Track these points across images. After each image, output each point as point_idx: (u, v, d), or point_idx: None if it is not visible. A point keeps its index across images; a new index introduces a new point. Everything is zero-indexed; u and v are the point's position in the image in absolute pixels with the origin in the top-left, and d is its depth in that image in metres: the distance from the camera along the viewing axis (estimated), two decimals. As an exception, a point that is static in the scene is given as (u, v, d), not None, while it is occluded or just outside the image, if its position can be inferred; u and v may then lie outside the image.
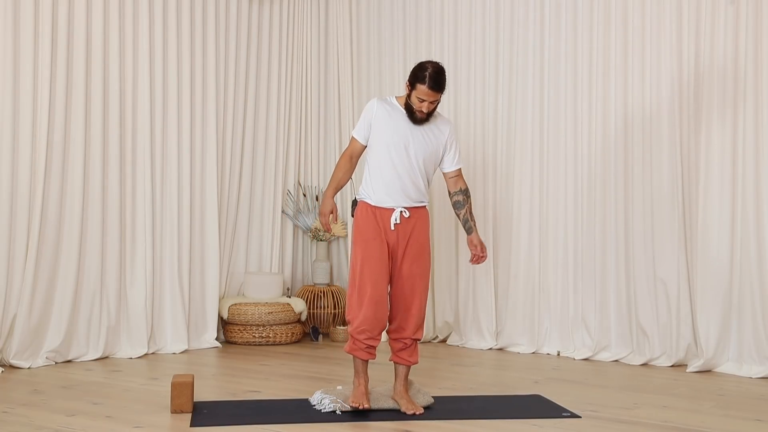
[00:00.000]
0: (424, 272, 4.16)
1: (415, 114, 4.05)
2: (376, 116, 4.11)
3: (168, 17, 5.73)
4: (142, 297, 5.58)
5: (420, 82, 3.99)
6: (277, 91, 6.49)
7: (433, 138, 4.11)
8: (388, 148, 4.07)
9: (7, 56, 4.98)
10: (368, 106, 4.16)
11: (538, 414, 4.07)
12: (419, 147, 4.08)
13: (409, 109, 4.06)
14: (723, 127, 5.14)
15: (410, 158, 4.07)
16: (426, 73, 3.98)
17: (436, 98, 4.01)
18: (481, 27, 6.04)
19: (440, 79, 3.99)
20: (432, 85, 3.97)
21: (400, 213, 4.07)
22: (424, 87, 3.97)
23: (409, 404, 4.06)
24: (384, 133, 4.08)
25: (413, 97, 4.02)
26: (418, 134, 4.08)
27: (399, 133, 4.07)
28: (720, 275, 5.13)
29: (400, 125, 4.08)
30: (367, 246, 4.07)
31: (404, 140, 4.06)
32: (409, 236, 4.10)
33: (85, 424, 3.79)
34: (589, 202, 5.63)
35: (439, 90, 4.00)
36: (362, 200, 4.15)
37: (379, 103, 4.15)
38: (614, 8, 5.50)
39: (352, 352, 4.10)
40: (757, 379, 4.96)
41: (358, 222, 4.13)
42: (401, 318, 4.12)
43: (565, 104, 5.74)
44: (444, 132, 4.15)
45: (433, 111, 4.07)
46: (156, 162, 5.69)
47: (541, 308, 5.83)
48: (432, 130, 4.12)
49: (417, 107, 4.03)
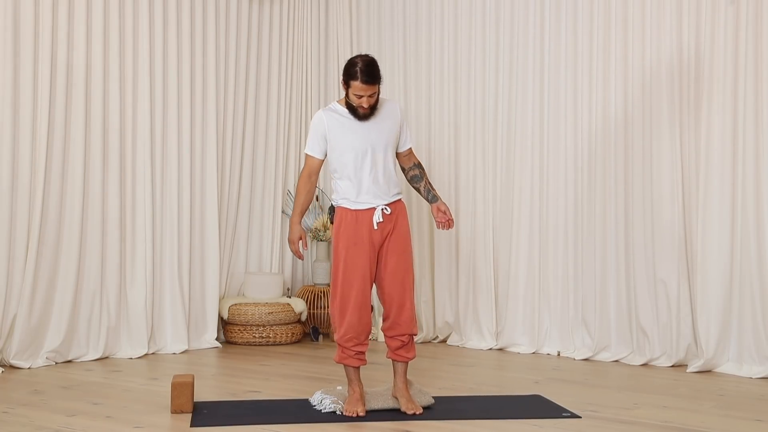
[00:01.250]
0: (410, 266, 4.12)
1: (357, 111, 4.00)
2: (329, 128, 4.03)
3: (168, 17, 5.73)
4: (142, 297, 5.58)
5: (352, 78, 3.93)
6: (277, 91, 6.49)
7: (390, 123, 4.07)
8: (355, 153, 4.00)
9: (7, 56, 4.98)
10: (316, 120, 4.06)
11: (538, 414, 4.06)
12: (381, 139, 4.03)
13: (351, 108, 4.01)
14: (723, 127, 5.13)
15: (377, 154, 4.02)
16: (356, 69, 3.92)
17: (374, 91, 3.96)
18: (481, 27, 6.04)
19: (372, 71, 3.94)
20: (365, 79, 3.92)
21: (382, 211, 4.03)
22: (357, 83, 3.92)
23: (409, 403, 4.05)
24: (344, 141, 4.01)
25: (351, 95, 3.97)
26: (375, 127, 4.03)
27: (359, 135, 4.01)
28: (720, 275, 5.13)
29: (356, 128, 4.02)
30: (349, 252, 4.02)
31: (367, 140, 4.01)
32: (391, 232, 4.06)
33: (85, 424, 3.79)
34: (589, 203, 5.62)
35: (374, 82, 3.94)
36: (339, 206, 4.09)
37: (326, 113, 4.06)
38: (614, 6, 5.50)
39: (342, 361, 4.07)
40: (757, 379, 4.96)
41: (338, 228, 4.07)
42: (395, 315, 4.07)
43: (565, 105, 5.74)
44: (396, 113, 4.11)
45: (375, 104, 4.01)
46: (156, 162, 5.69)
47: (541, 308, 5.83)
48: (386, 117, 4.07)
49: (357, 104, 3.97)
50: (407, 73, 6.36)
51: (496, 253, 6.00)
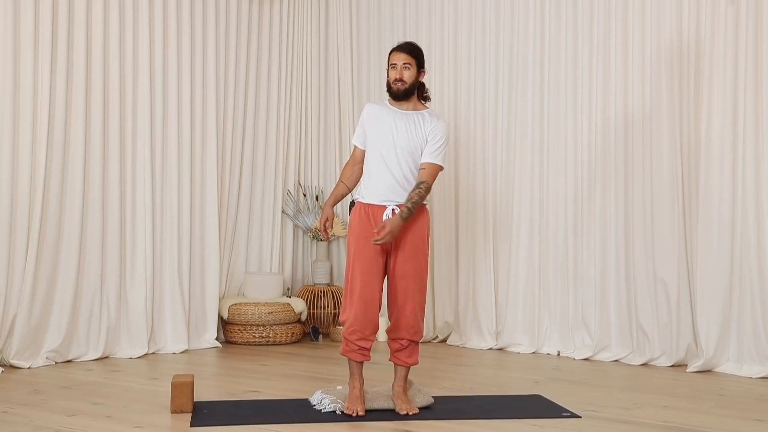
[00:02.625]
0: (419, 273, 4.09)
1: (391, 87, 4.09)
2: (367, 117, 4.16)
3: (168, 17, 5.73)
4: (142, 297, 5.58)
5: (391, 52, 4.11)
6: (277, 91, 6.49)
7: (419, 128, 4.08)
8: (377, 144, 4.08)
9: (7, 56, 4.98)
10: (363, 110, 4.21)
11: (538, 414, 4.06)
12: (404, 137, 4.05)
13: (389, 88, 4.11)
14: (723, 127, 5.13)
15: (396, 150, 4.04)
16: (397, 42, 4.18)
17: (408, 60, 4.05)
18: (481, 26, 6.05)
19: (411, 45, 4.11)
20: (400, 47, 4.09)
21: (392, 210, 4.04)
22: (394, 52, 4.09)
23: (404, 404, 4.05)
24: (373, 131, 4.10)
25: (389, 72, 4.09)
26: (403, 127, 4.06)
27: (386, 127, 4.07)
28: (720, 275, 5.13)
29: (387, 120, 4.08)
30: (359, 245, 4.06)
31: (390, 133, 4.06)
32: (403, 235, 4.06)
33: (85, 424, 3.79)
34: (589, 203, 5.63)
35: (408, 52, 4.07)
36: (357, 200, 4.16)
37: (370, 105, 4.20)
38: (614, 5, 5.50)
39: (345, 354, 4.09)
40: (757, 379, 4.96)
41: (352, 222, 4.13)
42: (396, 318, 4.11)
43: (565, 104, 5.74)
44: (427, 123, 4.10)
45: (411, 86, 4.06)
46: (156, 162, 5.69)
47: (541, 308, 5.83)
48: (416, 122, 4.09)
49: (392, 77, 4.07)
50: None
51: (496, 253, 6.00)
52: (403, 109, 4.11)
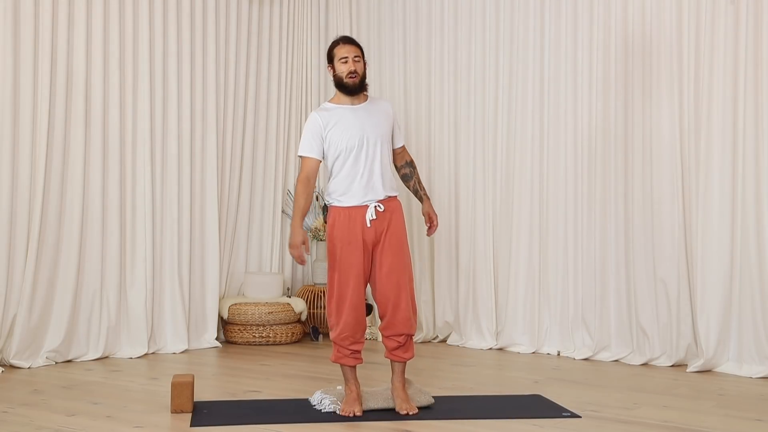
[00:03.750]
0: (407, 265, 4.08)
1: (345, 83, 4.03)
2: (324, 124, 4.02)
3: (168, 17, 5.73)
4: (142, 297, 5.58)
5: (334, 47, 4.08)
6: (277, 91, 6.49)
7: (382, 118, 4.08)
8: (348, 147, 4.00)
9: (7, 56, 4.99)
10: (310, 120, 4.05)
11: (538, 414, 4.06)
12: (374, 131, 4.03)
13: (341, 86, 4.05)
14: (723, 127, 5.13)
15: (370, 147, 4.01)
16: (336, 39, 4.13)
17: (357, 53, 4.04)
18: (481, 26, 6.04)
19: (350, 38, 4.13)
20: (344, 41, 4.07)
21: (375, 208, 4.01)
22: (339, 47, 4.06)
23: (404, 403, 4.04)
24: (339, 135, 4.01)
25: (337, 66, 4.04)
26: (368, 120, 4.04)
27: (349, 128, 4.01)
28: (720, 275, 5.13)
29: (349, 121, 4.02)
30: (343, 251, 4.01)
31: (361, 132, 4.01)
32: (386, 230, 4.03)
33: (85, 424, 3.79)
34: (589, 202, 5.62)
35: (355, 44, 4.07)
36: (332, 205, 4.08)
37: (319, 114, 4.06)
38: (614, 6, 5.50)
39: (338, 360, 4.07)
40: (757, 379, 4.96)
41: (331, 227, 4.05)
42: (391, 315, 4.04)
43: (565, 105, 5.73)
44: (389, 110, 4.15)
45: (364, 75, 4.06)
46: (156, 162, 5.69)
47: (541, 308, 5.83)
48: (378, 112, 4.09)
49: (345, 71, 4.02)
50: (407, 73, 6.36)
51: (496, 253, 6.00)
52: (357, 104, 4.08)
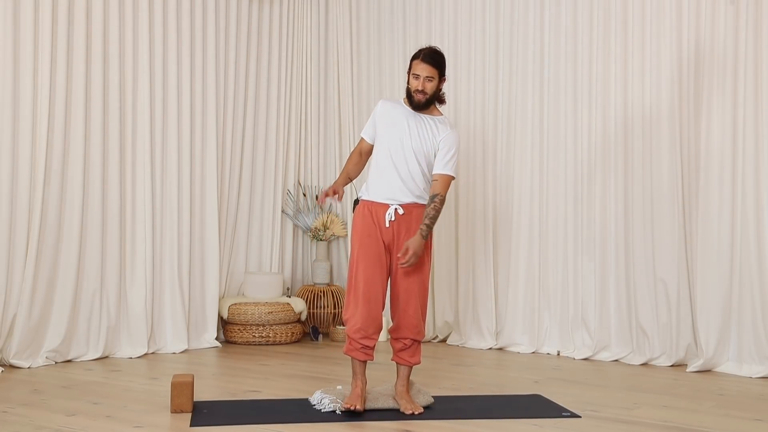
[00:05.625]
0: (421, 272, 4.09)
1: (413, 97, 4.04)
2: (379, 113, 4.14)
3: (168, 17, 5.73)
4: (142, 297, 5.58)
5: (415, 58, 4.05)
6: (277, 90, 6.49)
7: (429, 135, 4.07)
8: (386, 142, 4.08)
9: (7, 56, 4.98)
10: (378, 106, 4.19)
11: (538, 414, 4.07)
12: (415, 141, 4.05)
13: (409, 95, 4.08)
14: (723, 127, 5.14)
15: (405, 151, 4.04)
16: (421, 50, 4.06)
17: (431, 74, 4.01)
18: (481, 26, 6.05)
19: (435, 55, 4.04)
20: (424, 58, 4.01)
21: (395, 210, 4.04)
22: (417, 61, 4.02)
23: (409, 404, 4.05)
24: (384, 129, 4.10)
25: (410, 79, 4.05)
26: (415, 129, 4.06)
27: (396, 126, 4.07)
28: (720, 275, 5.13)
29: (399, 120, 4.08)
30: (362, 244, 4.06)
31: (400, 133, 4.05)
32: (404, 234, 4.06)
33: (85, 424, 3.79)
34: (589, 202, 5.63)
35: (433, 64, 4.01)
36: (361, 198, 4.16)
37: (384, 102, 4.19)
38: (614, 6, 5.50)
39: (349, 353, 4.09)
40: (757, 378, 4.96)
41: (356, 220, 4.12)
42: (399, 318, 4.10)
43: (565, 105, 5.74)
44: (441, 132, 4.08)
45: (434, 95, 4.05)
46: (156, 162, 5.69)
47: (541, 308, 5.84)
48: (430, 127, 4.08)
49: (414, 87, 4.03)
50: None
51: (496, 253, 6.00)
52: (420, 114, 4.10)
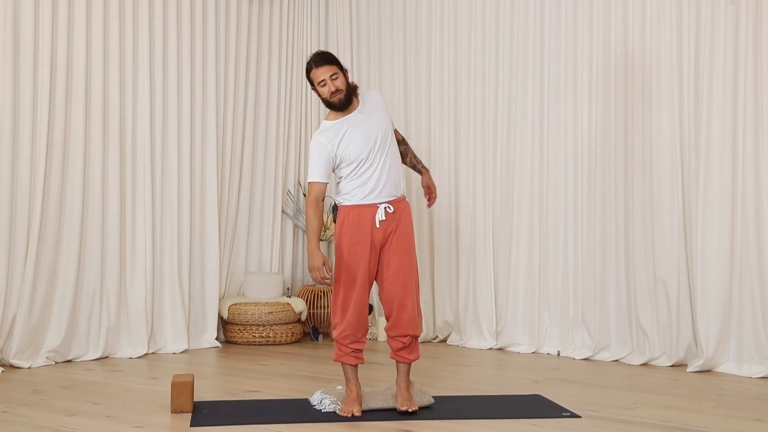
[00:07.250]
0: (413, 266, 4.10)
1: (331, 101, 3.98)
2: (332, 147, 3.98)
3: (168, 17, 5.73)
4: (142, 297, 5.58)
5: (309, 71, 4.01)
6: (277, 91, 6.49)
7: (379, 115, 4.06)
8: (359, 159, 3.98)
9: (7, 56, 4.99)
10: (316, 145, 3.99)
11: (538, 414, 4.06)
12: (380, 129, 4.02)
13: (328, 104, 4.01)
14: (723, 127, 5.13)
15: (380, 147, 4.01)
16: (309, 61, 4.02)
17: (332, 71, 3.96)
18: (481, 26, 6.04)
19: (324, 54, 4.02)
20: (318, 63, 3.97)
21: (385, 209, 4.02)
22: (314, 71, 3.98)
23: (406, 401, 4.03)
24: (349, 151, 3.98)
25: (319, 90, 3.99)
26: (369, 126, 4.01)
27: (359, 140, 3.99)
28: (720, 275, 5.13)
29: (353, 134, 3.99)
30: (351, 251, 4.02)
31: (365, 142, 3.98)
32: (394, 230, 4.04)
33: (85, 424, 3.79)
34: (590, 203, 5.62)
35: (328, 63, 3.97)
36: (342, 204, 4.09)
37: (322, 135, 4.01)
38: (614, 5, 5.50)
39: (339, 359, 4.07)
40: (757, 379, 4.96)
41: (340, 226, 4.06)
42: (396, 316, 4.05)
43: (565, 105, 5.74)
44: (379, 100, 4.12)
45: (348, 90, 3.99)
46: (156, 162, 5.69)
47: (541, 308, 5.83)
48: (373, 110, 4.06)
49: (327, 92, 3.97)
50: (407, 73, 6.36)
51: (496, 253, 6.00)
52: (352, 113, 4.04)
